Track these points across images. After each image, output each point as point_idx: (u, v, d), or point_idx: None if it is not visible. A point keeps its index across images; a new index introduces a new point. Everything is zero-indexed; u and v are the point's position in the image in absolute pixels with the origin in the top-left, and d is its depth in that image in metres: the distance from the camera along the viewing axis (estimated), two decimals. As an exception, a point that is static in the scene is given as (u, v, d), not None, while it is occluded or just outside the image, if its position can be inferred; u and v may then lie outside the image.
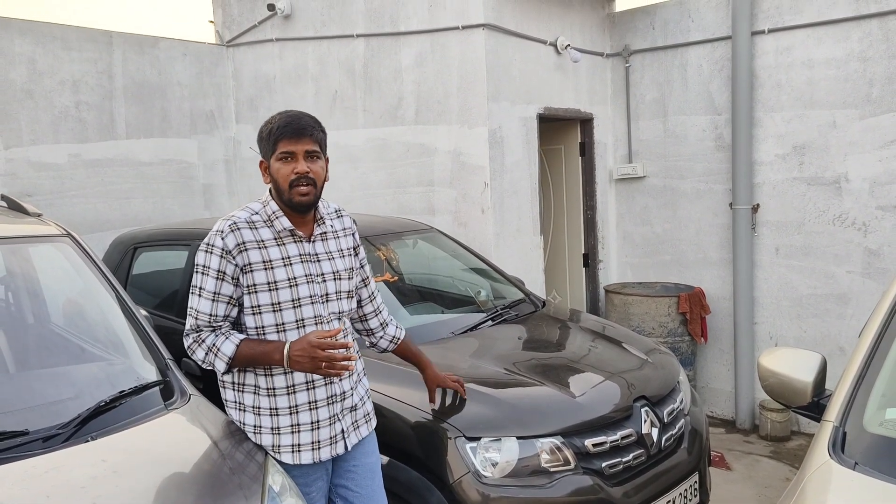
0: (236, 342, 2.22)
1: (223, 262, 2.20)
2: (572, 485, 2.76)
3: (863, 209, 5.11)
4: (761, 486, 4.65)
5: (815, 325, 5.40)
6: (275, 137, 2.24)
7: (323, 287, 2.30)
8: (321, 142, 2.31)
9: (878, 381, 1.91)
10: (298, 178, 2.21)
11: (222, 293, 2.22)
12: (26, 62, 5.18)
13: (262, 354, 2.21)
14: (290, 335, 2.23)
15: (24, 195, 4.82)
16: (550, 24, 5.61)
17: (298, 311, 2.25)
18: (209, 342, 2.24)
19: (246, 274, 2.21)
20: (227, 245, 2.20)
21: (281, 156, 2.24)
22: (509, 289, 4.29)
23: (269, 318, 2.23)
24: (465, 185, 5.22)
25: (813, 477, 1.75)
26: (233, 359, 2.22)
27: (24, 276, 2.91)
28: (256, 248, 2.22)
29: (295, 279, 2.24)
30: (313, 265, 2.30)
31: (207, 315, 2.23)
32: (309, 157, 2.25)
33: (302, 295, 2.25)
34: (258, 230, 2.25)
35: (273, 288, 2.22)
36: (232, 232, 2.22)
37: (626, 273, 6.39)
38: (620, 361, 3.49)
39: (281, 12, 6.03)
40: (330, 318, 2.31)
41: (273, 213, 2.28)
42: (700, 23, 5.73)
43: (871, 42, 5.00)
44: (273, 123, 2.27)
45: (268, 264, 2.22)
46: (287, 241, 2.28)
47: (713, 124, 5.73)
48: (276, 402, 2.26)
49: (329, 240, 2.38)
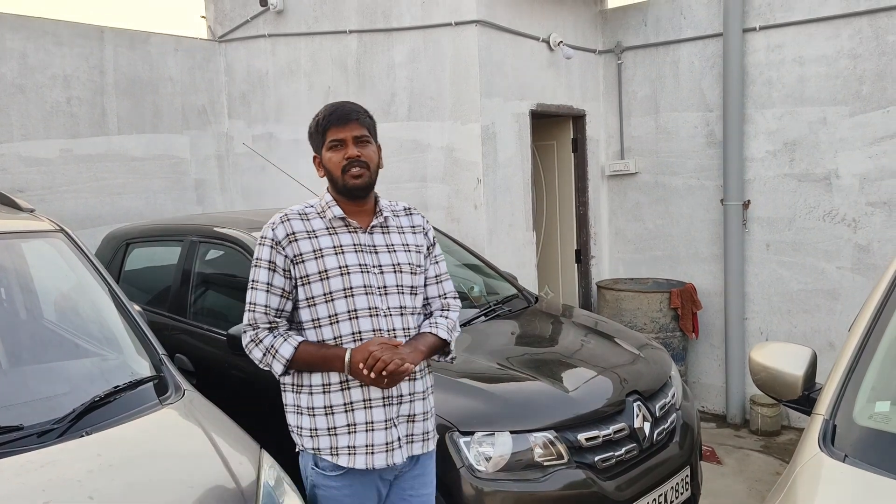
0: (294, 344, 2.15)
1: (273, 252, 2.16)
2: (565, 479, 2.78)
3: (853, 205, 5.15)
4: (752, 480, 4.69)
5: (805, 321, 5.44)
6: (322, 128, 2.21)
7: (380, 279, 2.20)
8: (370, 127, 2.25)
9: (868, 374, 1.93)
10: (350, 163, 2.17)
11: (274, 284, 2.17)
12: (17, 57, 5.15)
13: (322, 360, 2.15)
14: (342, 327, 2.16)
15: (15, 190, 4.80)
16: (543, 20, 5.62)
17: (351, 300, 2.16)
18: (267, 343, 2.17)
19: (297, 265, 2.16)
20: (277, 236, 2.17)
21: (331, 145, 2.19)
22: (502, 284, 4.30)
23: (323, 309, 2.16)
24: (457, 180, 5.23)
25: (803, 469, 1.77)
26: (291, 361, 2.15)
27: (16, 272, 2.91)
28: (307, 237, 2.18)
29: (347, 267, 2.16)
30: (369, 255, 2.22)
31: (263, 307, 2.17)
32: (359, 142, 2.20)
33: (355, 284, 2.16)
34: (310, 220, 2.21)
35: (324, 277, 2.15)
36: (282, 223, 2.19)
37: (618, 269, 6.42)
38: (613, 356, 3.51)
39: (273, 8, 6.01)
40: (388, 312, 2.20)
41: (327, 204, 2.24)
42: (692, 20, 5.76)
43: (861, 39, 5.03)
44: (319, 115, 2.24)
45: (318, 253, 2.16)
46: (340, 230, 2.22)
47: (705, 121, 5.76)
48: (330, 400, 2.17)
49: (391, 233, 2.30)
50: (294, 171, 5.76)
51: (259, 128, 6.32)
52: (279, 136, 6.21)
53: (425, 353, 2.23)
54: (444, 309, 2.40)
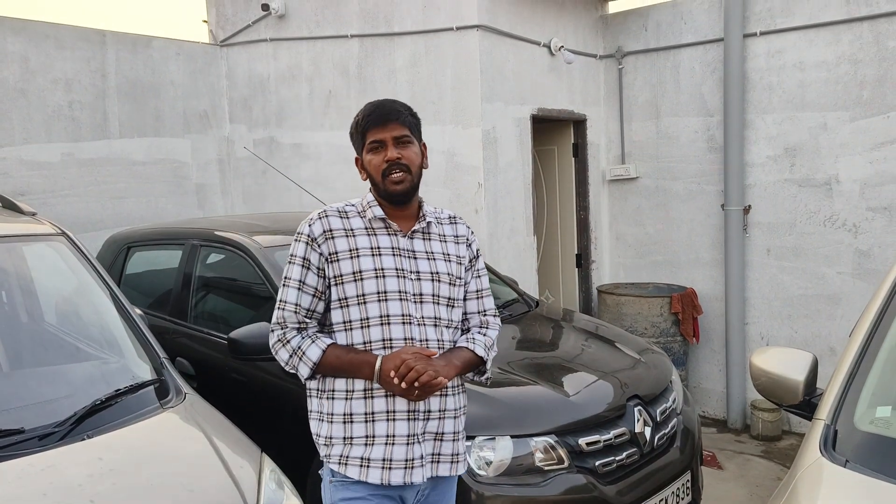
0: (323, 347, 2.04)
1: (308, 249, 2.06)
2: (566, 483, 2.78)
3: (853, 210, 5.15)
4: (752, 485, 4.68)
5: (805, 326, 5.43)
6: (362, 129, 2.10)
7: (417, 286, 2.09)
8: (412, 126, 2.13)
9: (869, 379, 1.93)
10: (390, 166, 2.06)
11: (307, 283, 2.06)
12: (19, 61, 5.16)
13: (351, 365, 2.02)
14: (373, 332, 2.04)
15: (16, 194, 4.80)
16: (544, 25, 5.63)
17: (384, 305, 2.04)
18: (294, 344, 2.06)
19: (332, 263, 2.05)
20: (314, 232, 2.07)
21: (371, 146, 2.09)
22: (503, 289, 4.30)
23: (356, 311, 2.05)
24: (458, 185, 5.23)
25: (804, 474, 1.77)
26: (318, 364, 2.03)
27: (18, 275, 2.91)
28: (343, 235, 2.07)
29: (383, 270, 2.05)
30: (407, 261, 2.10)
31: (293, 305, 2.06)
32: (399, 143, 2.08)
33: (389, 288, 2.05)
34: (349, 219, 2.11)
35: (359, 278, 2.04)
36: (320, 219, 2.09)
37: (618, 273, 6.42)
38: (613, 361, 3.51)
39: (275, 12, 6.03)
40: (422, 321, 2.08)
41: (368, 204, 2.13)
42: (692, 25, 5.77)
43: (861, 45, 5.04)
44: (359, 115, 2.13)
45: (354, 252, 2.06)
46: (379, 231, 2.11)
47: (705, 126, 5.76)
48: (350, 407, 2.04)
49: (432, 240, 2.18)
50: (295, 175, 5.78)
51: (260, 132, 6.33)
52: (280, 141, 6.22)
53: (460, 369, 2.11)
54: (482, 326, 2.28)
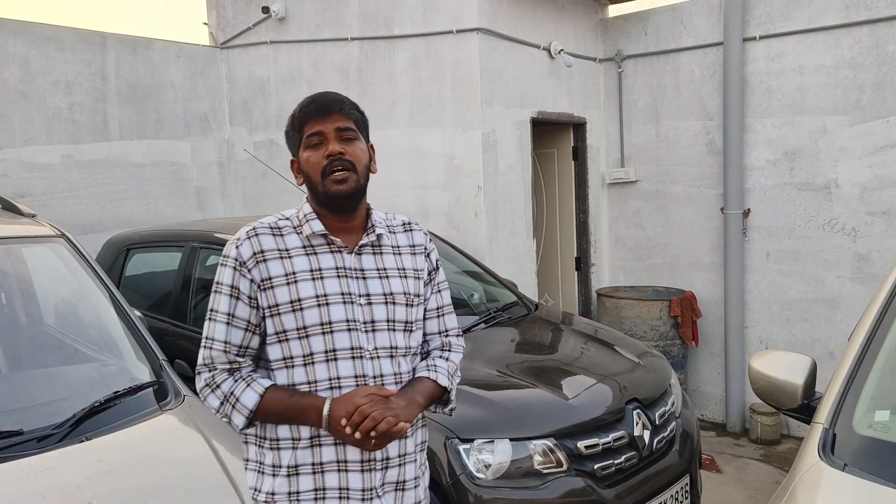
0: (260, 391, 1.73)
1: (236, 275, 1.74)
2: (565, 486, 2.78)
3: (853, 214, 5.16)
4: (751, 488, 4.68)
5: (805, 330, 5.44)
6: (299, 122, 1.81)
7: (368, 312, 1.77)
8: (357, 121, 1.84)
9: (868, 383, 1.94)
10: (331, 162, 1.75)
11: (237, 315, 1.75)
12: (20, 63, 5.17)
13: (294, 411, 1.71)
14: (318, 370, 1.73)
15: (16, 196, 4.80)
16: (544, 28, 5.64)
17: (329, 338, 1.73)
18: (225, 388, 1.74)
19: (265, 291, 1.74)
20: (242, 255, 1.75)
21: (309, 142, 1.78)
22: (502, 292, 4.31)
23: (296, 346, 1.74)
24: (458, 188, 5.23)
25: (803, 478, 1.77)
26: (254, 412, 1.72)
27: (17, 277, 2.91)
28: (277, 258, 1.75)
29: (326, 296, 1.74)
30: (355, 282, 1.78)
31: (222, 343, 1.75)
32: (343, 138, 1.78)
33: (335, 318, 1.74)
34: (284, 237, 1.79)
35: (297, 308, 1.72)
36: (249, 239, 1.77)
37: (618, 276, 6.42)
38: (612, 364, 3.51)
39: (275, 15, 6.03)
40: (375, 354, 1.77)
41: (305, 217, 1.81)
42: (692, 29, 5.78)
43: (861, 49, 5.05)
44: (296, 109, 1.85)
45: (290, 277, 1.74)
46: (320, 249, 1.79)
47: (705, 129, 5.77)
48: (296, 458, 1.74)
49: (384, 254, 1.86)
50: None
51: (260, 134, 6.34)
52: (280, 143, 6.22)
53: (423, 406, 1.81)
54: (444, 348, 1.98)
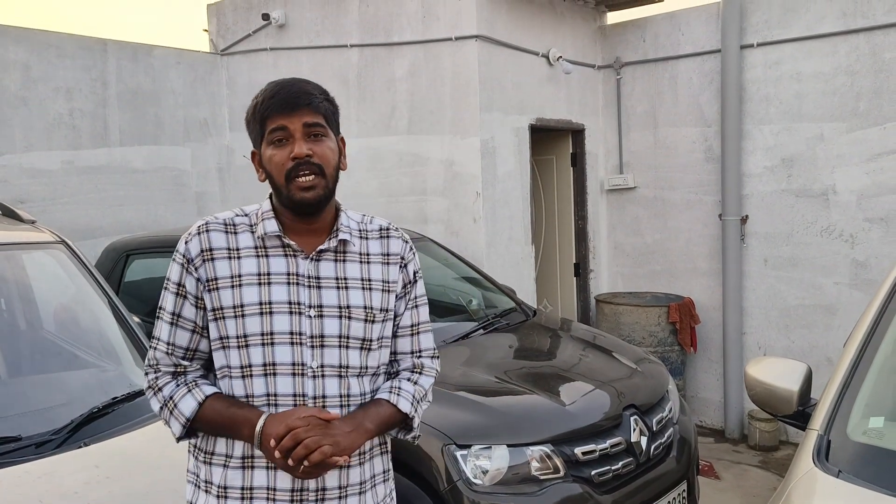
0: (200, 398, 1.59)
1: (184, 273, 1.62)
2: (562, 492, 2.78)
3: (850, 221, 5.17)
4: (749, 495, 4.68)
5: (803, 336, 5.44)
6: (261, 113, 1.62)
7: (317, 325, 1.60)
8: (328, 114, 1.65)
9: (862, 390, 1.94)
10: (297, 166, 1.58)
11: (183, 315, 1.62)
12: (21, 69, 5.19)
13: (231, 423, 1.57)
14: (256, 384, 1.58)
15: (16, 202, 4.81)
16: (543, 35, 5.67)
17: (269, 350, 1.57)
18: (166, 392, 1.62)
19: (210, 293, 1.59)
20: (190, 252, 1.62)
21: (272, 138, 1.60)
22: (501, 298, 4.31)
23: (235, 356, 1.59)
24: (457, 194, 5.25)
25: (798, 485, 1.78)
26: (191, 421, 1.59)
27: (17, 283, 2.92)
28: (226, 257, 1.61)
29: (270, 304, 1.58)
30: (307, 291, 1.61)
31: (166, 344, 1.62)
32: (311, 135, 1.60)
33: (277, 329, 1.57)
34: (237, 235, 1.64)
35: (239, 314, 1.58)
36: (199, 235, 1.63)
37: (616, 283, 6.43)
38: (610, 370, 3.52)
39: (275, 22, 6.06)
40: (319, 372, 1.59)
41: (262, 215, 1.65)
42: (690, 36, 5.80)
43: (858, 56, 5.07)
44: (258, 97, 1.65)
45: (235, 280, 1.59)
46: (273, 252, 1.62)
47: (703, 136, 5.79)
48: (226, 478, 1.59)
49: (348, 262, 1.67)
50: (294, 183, 5.78)
51: (260, 140, 6.36)
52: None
53: (373, 433, 1.63)
54: (414, 370, 1.79)
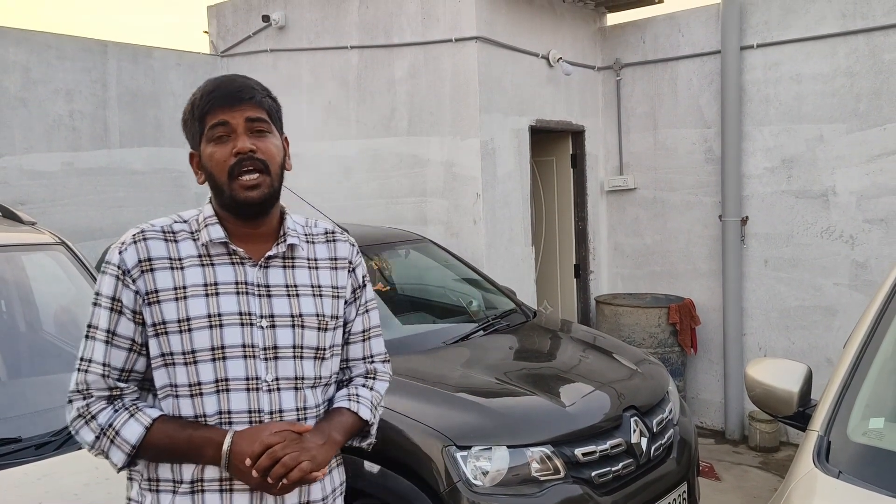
0: (146, 422, 1.46)
1: (119, 285, 1.48)
2: (562, 494, 2.78)
3: (850, 222, 5.17)
4: (750, 496, 4.67)
5: (803, 337, 5.44)
6: (201, 110, 1.52)
7: (270, 336, 1.52)
8: (271, 111, 1.57)
9: (863, 390, 1.94)
10: (241, 162, 1.48)
11: (119, 333, 1.48)
12: (21, 70, 5.19)
13: (188, 446, 1.46)
14: (207, 402, 1.48)
15: (16, 203, 4.82)
16: (542, 37, 5.67)
17: (221, 366, 1.48)
18: (102, 420, 1.46)
19: (151, 306, 1.47)
20: (126, 262, 1.48)
21: (213, 134, 1.50)
22: (501, 299, 4.31)
23: (182, 374, 1.48)
24: (457, 195, 5.25)
25: (798, 485, 1.78)
26: (138, 448, 1.46)
27: (17, 284, 2.92)
28: (167, 267, 1.49)
29: (220, 316, 1.48)
30: (257, 300, 1.52)
31: (100, 366, 1.47)
32: (254, 131, 1.52)
33: (229, 342, 1.48)
34: (177, 243, 1.52)
35: (185, 328, 1.47)
36: (135, 244, 1.50)
37: (616, 284, 6.43)
38: (610, 371, 3.52)
39: (275, 23, 6.07)
40: (275, 386, 1.52)
41: (204, 221, 1.55)
42: (690, 37, 5.80)
43: (857, 58, 5.07)
44: (197, 94, 1.55)
45: (180, 292, 1.48)
46: (218, 260, 1.52)
47: (703, 137, 5.79)
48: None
49: (297, 268, 1.60)
50: (294, 184, 5.77)
51: (260, 142, 6.36)
52: (280, 151, 6.24)
53: (341, 444, 1.59)
54: (368, 376, 1.75)
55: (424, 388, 3.06)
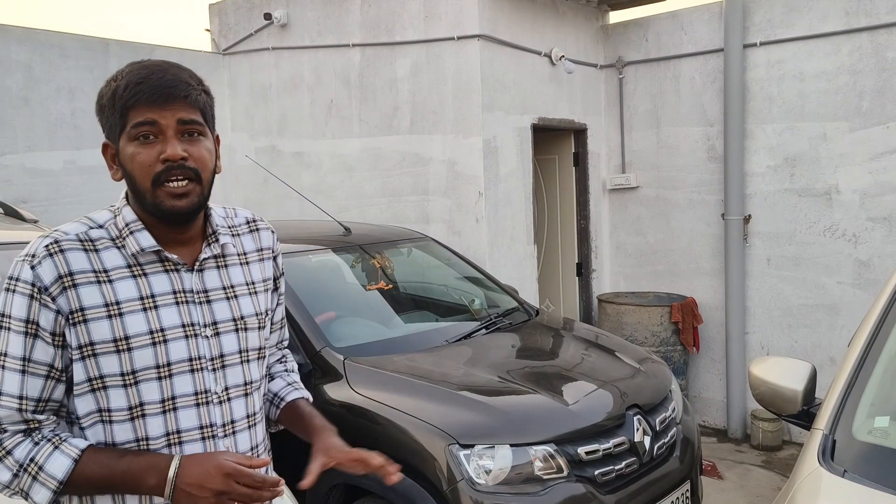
0: (74, 454, 1.30)
1: (35, 306, 1.30)
2: (565, 492, 2.78)
3: (853, 220, 5.16)
4: (753, 495, 4.67)
5: (806, 336, 5.43)
6: (123, 103, 1.33)
7: (215, 344, 1.42)
8: (205, 109, 1.40)
9: (867, 389, 1.94)
10: (169, 169, 1.33)
11: (35, 359, 1.31)
12: (23, 69, 5.19)
13: (125, 477, 1.30)
14: (151, 424, 1.35)
15: (19, 201, 4.82)
16: (545, 35, 5.66)
17: (167, 384, 1.35)
18: (19, 455, 1.29)
19: (76, 326, 1.31)
20: (42, 279, 1.30)
21: (136, 131, 1.33)
22: (503, 297, 4.31)
23: (120, 397, 1.33)
24: (459, 194, 5.24)
25: (803, 484, 1.77)
26: (65, 484, 1.29)
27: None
28: (94, 281, 1.33)
29: (162, 332, 1.36)
30: (198, 308, 1.41)
31: (16, 399, 1.30)
32: (185, 134, 1.35)
33: (175, 358, 1.36)
34: (99, 252, 1.36)
35: (123, 347, 1.32)
36: (50, 256, 1.32)
37: (619, 282, 6.42)
38: (613, 370, 3.51)
39: (277, 21, 6.06)
40: (226, 396, 1.43)
41: (127, 227, 1.39)
42: (693, 35, 5.79)
43: (861, 55, 5.06)
44: (119, 80, 1.35)
45: (113, 308, 1.33)
46: (150, 268, 1.38)
47: (705, 136, 5.78)
48: None
49: (229, 266, 1.49)
50: (296, 183, 5.79)
51: (262, 140, 6.36)
52: (281, 149, 6.24)
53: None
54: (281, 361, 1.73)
55: (427, 387, 3.06)
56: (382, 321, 3.80)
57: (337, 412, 2.95)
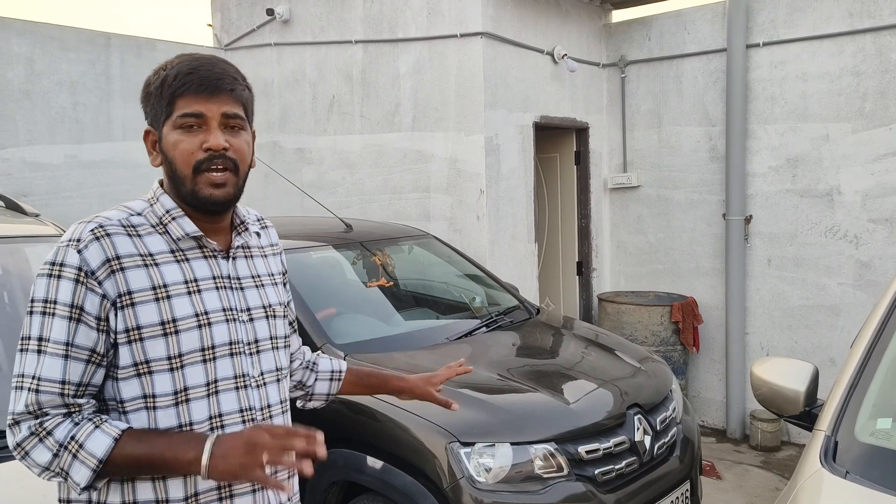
0: (115, 434, 1.29)
1: (81, 290, 1.30)
2: (565, 491, 2.77)
3: (855, 222, 5.16)
4: (751, 495, 4.67)
5: (806, 336, 5.43)
6: (172, 91, 1.37)
7: (251, 330, 1.46)
8: (247, 104, 1.46)
9: (870, 390, 1.93)
10: (211, 158, 1.37)
11: (78, 344, 1.30)
12: (24, 62, 5.18)
13: (166, 452, 1.29)
14: (195, 409, 1.36)
15: (20, 195, 4.81)
16: (548, 33, 5.65)
17: (211, 367, 1.38)
18: (60, 434, 1.28)
19: (123, 310, 1.32)
20: (89, 262, 1.31)
21: (181, 121, 1.37)
22: (504, 295, 4.31)
23: (166, 382, 1.34)
24: (460, 191, 5.24)
25: (805, 485, 1.77)
26: (105, 463, 1.27)
27: (20, 276, 2.91)
28: (140, 265, 1.35)
29: (207, 315, 1.39)
30: (234, 294, 1.45)
31: (58, 384, 1.29)
32: (228, 126, 1.40)
33: (218, 341, 1.40)
34: (142, 238, 1.39)
35: (171, 330, 1.34)
36: (97, 241, 1.33)
37: (619, 282, 6.42)
38: (614, 369, 3.51)
39: (280, 17, 6.05)
40: (262, 381, 1.47)
41: (168, 213, 1.42)
42: (696, 35, 5.78)
43: (864, 57, 5.05)
44: (168, 70, 1.39)
45: (161, 291, 1.35)
46: (192, 254, 1.42)
47: (707, 135, 5.77)
48: None
49: (254, 257, 1.55)
50: (297, 179, 5.79)
51: (263, 136, 6.35)
52: (283, 145, 6.23)
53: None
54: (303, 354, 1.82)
55: (428, 384, 3.05)
56: (383, 318, 3.80)
57: (337, 409, 2.95)
